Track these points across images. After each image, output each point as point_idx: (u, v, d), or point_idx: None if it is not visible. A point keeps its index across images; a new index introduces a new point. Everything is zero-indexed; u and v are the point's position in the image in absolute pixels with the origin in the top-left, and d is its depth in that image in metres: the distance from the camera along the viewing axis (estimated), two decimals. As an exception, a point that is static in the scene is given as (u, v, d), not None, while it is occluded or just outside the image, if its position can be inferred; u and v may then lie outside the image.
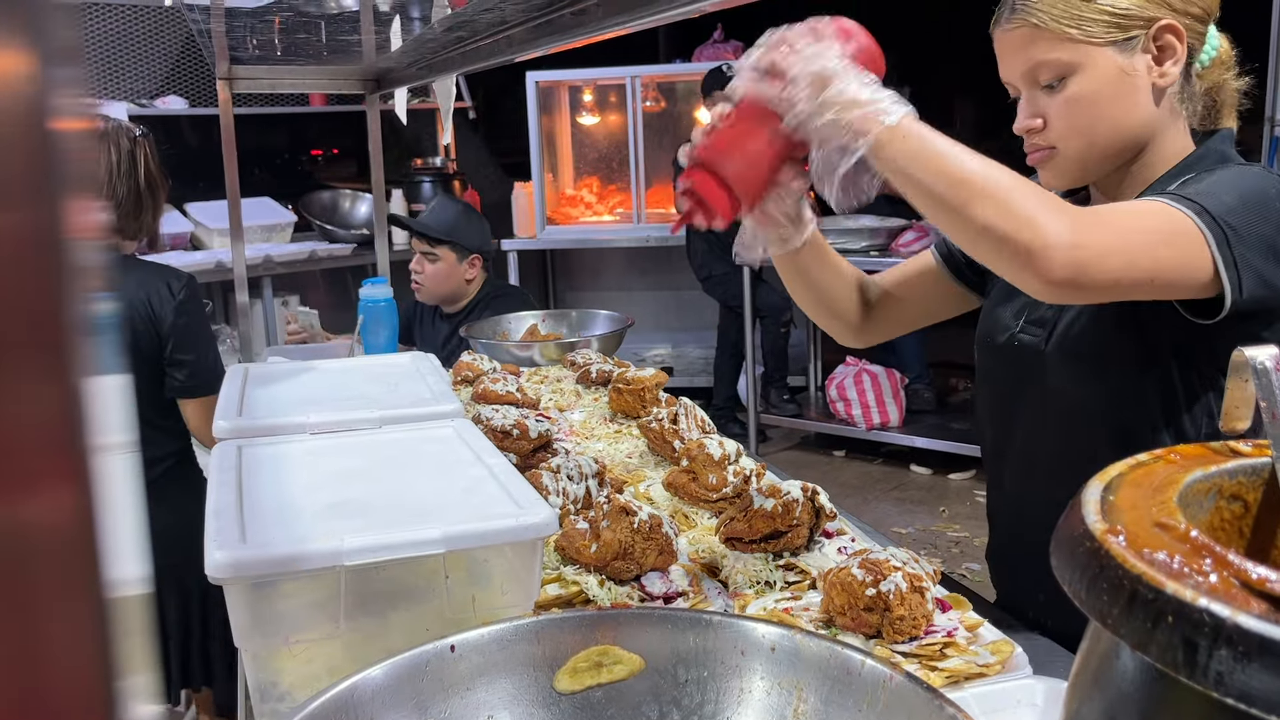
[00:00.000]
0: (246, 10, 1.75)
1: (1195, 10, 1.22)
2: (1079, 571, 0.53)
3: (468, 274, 3.08)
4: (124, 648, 0.27)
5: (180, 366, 2.13)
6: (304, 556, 0.98)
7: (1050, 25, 1.20)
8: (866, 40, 1.16)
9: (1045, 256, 1.01)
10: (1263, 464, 0.63)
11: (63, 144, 0.25)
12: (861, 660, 0.84)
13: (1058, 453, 1.34)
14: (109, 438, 0.26)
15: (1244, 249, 1.08)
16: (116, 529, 0.26)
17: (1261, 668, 0.43)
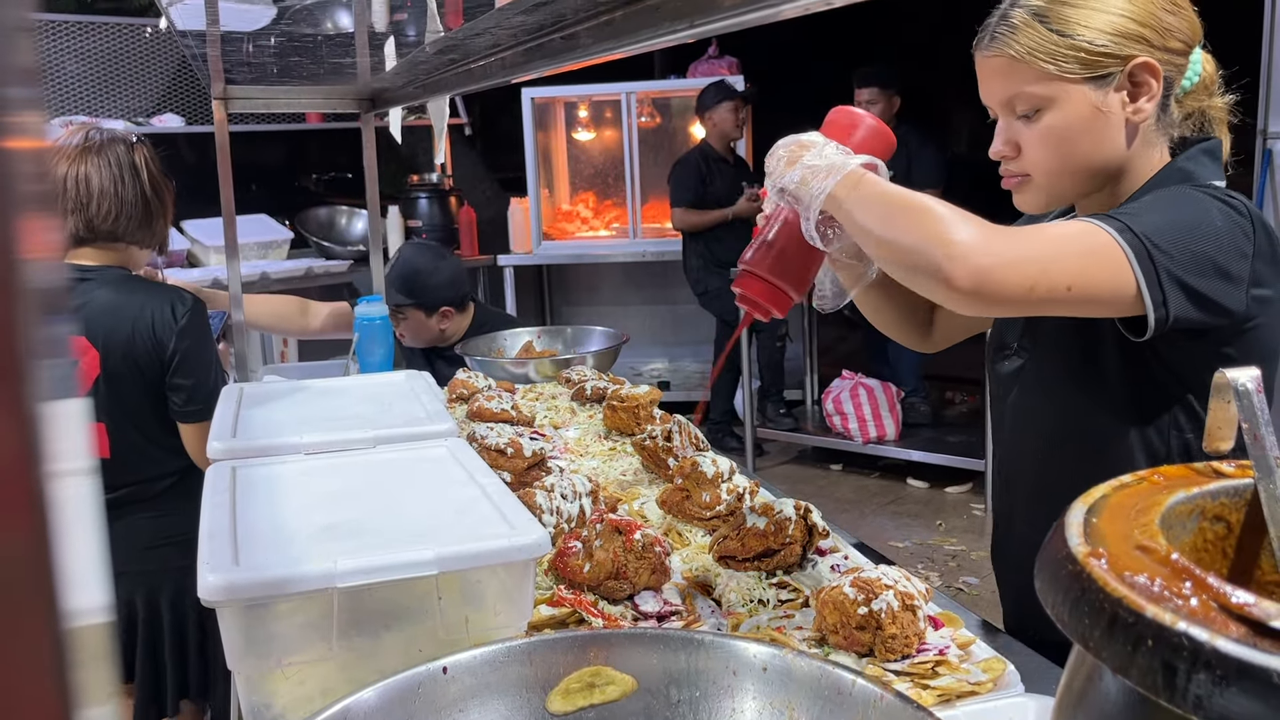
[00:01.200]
0: (241, 35, 1.76)
1: (1175, 45, 1.23)
2: (1062, 594, 0.53)
3: (440, 325, 3.02)
4: (82, 678, 0.26)
5: (179, 390, 2.12)
6: (297, 579, 0.99)
7: (1027, 59, 1.21)
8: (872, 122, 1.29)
9: (950, 265, 1.05)
10: (1245, 485, 0.64)
11: (14, 163, 0.24)
12: (852, 680, 0.85)
13: (1037, 472, 1.38)
14: (66, 464, 0.26)
15: (1170, 266, 1.09)
16: (74, 558, 0.26)
17: (1240, 692, 0.43)
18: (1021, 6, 1.23)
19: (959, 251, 1.05)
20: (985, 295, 1.06)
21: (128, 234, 2.12)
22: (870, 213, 1.14)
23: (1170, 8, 1.23)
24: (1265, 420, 0.62)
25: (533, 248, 6.08)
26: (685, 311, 6.40)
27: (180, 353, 2.09)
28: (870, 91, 5.25)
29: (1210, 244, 1.12)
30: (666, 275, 6.35)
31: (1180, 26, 1.23)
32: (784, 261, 1.28)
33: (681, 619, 1.21)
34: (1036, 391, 1.36)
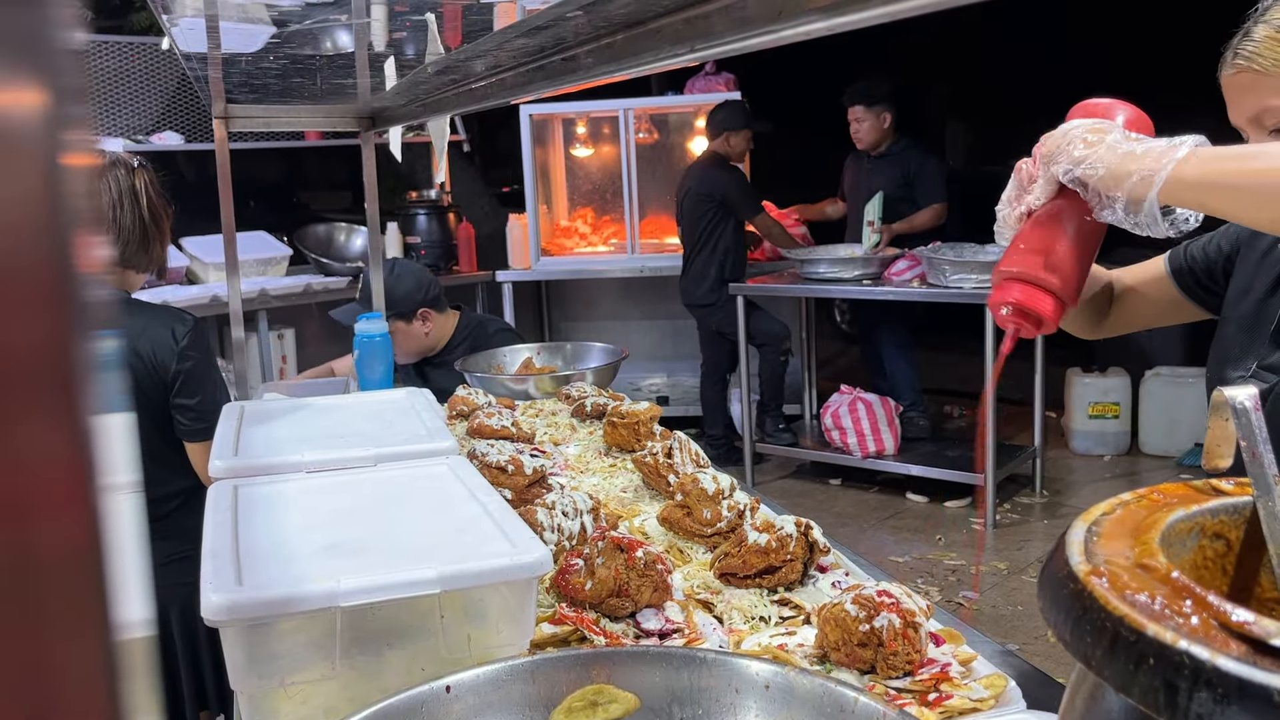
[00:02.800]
0: (241, 57, 1.77)
1: None
2: (1064, 613, 0.54)
3: (424, 329, 3.05)
4: (131, 689, 0.27)
5: (184, 410, 2.13)
6: (300, 598, 0.99)
7: (1272, 70, 1.19)
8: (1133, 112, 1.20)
9: None
10: (1244, 502, 0.64)
11: (72, 180, 0.25)
12: (855, 698, 0.85)
13: None
14: (116, 477, 0.26)
15: None
16: (124, 570, 0.26)
17: (1241, 710, 0.44)
18: (1264, 21, 1.22)
19: None
20: None
21: (124, 258, 2.14)
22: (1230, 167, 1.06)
23: None
24: (1263, 438, 0.62)
25: (531, 264, 6.10)
26: (684, 326, 6.41)
27: (183, 374, 2.11)
28: (858, 109, 5.30)
29: None
30: (665, 290, 6.36)
31: None
32: (1068, 265, 1.16)
33: (683, 636, 1.21)
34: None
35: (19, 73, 0.24)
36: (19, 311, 0.24)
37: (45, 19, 0.24)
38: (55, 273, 0.25)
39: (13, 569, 0.24)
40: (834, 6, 0.53)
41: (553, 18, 0.82)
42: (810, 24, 0.56)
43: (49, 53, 0.24)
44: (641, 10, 0.74)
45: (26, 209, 0.24)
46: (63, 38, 0.25)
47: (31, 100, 0.24)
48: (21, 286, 0.24)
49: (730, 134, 5.31)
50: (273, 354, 5.04)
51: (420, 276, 3.08)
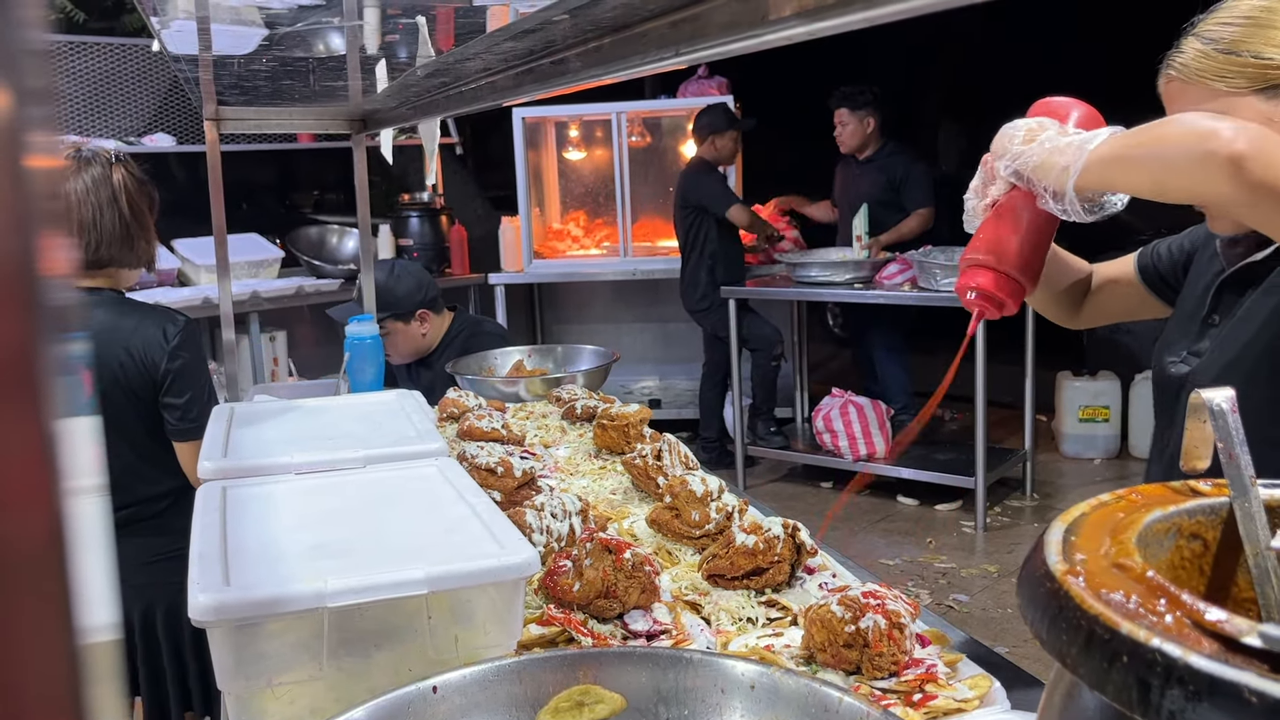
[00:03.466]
0: (233, 59, 1.77)
1: None
2: (1040, 611, 0.54)
3: (421, 329, 3.06)
4: (96, 694, 0.27)
5: (172, 410, 2.13)
6: (287, 599, 0.99)
7: (1196, 80, 1.28)
8: (1086, 110, 1.30)
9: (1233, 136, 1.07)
10: (1221, 503, 0.65)
11: (36, 182, 0.25)
12: (839, 698, 0.85)
13: None
14: (81, 481, 0.26)
15: None
16: (88, 575, 0.26)
17: (1212, 707, 0.44)
18: (1194, 34, 1.31)
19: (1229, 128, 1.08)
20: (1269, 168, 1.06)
21: (110, 257, 2.12)
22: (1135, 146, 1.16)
23: None
24: (1240, 440, 0.63)
25: (524, 266, 6.10)
26: (676, 330, 6.42)
27: (172, 373, 2.10)
28: (843, 113, 5.33)
29: None
30: (657, 294, 6.37)
31: None
32: (1019, 252, 1.27)
33: (671, 638, 1.22)
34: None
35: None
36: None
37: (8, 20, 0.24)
38: (18, 275, 0.24)
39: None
40: (815, 12, 0.53)
41: (540, 21, 0.83)
42: (792, 28, 0.57)
43: (11, 53, 0.24)
44: (628, 14, 0.75)
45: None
46: (26, 38, 0.25)
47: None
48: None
49: (715, 137, 5.32)
50: (264, 356, 5.03)
51: (420, 277, 3.10)
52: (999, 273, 1.28)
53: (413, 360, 3.14)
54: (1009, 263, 1.28)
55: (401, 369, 3.18)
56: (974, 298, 1.30)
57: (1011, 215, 1.29)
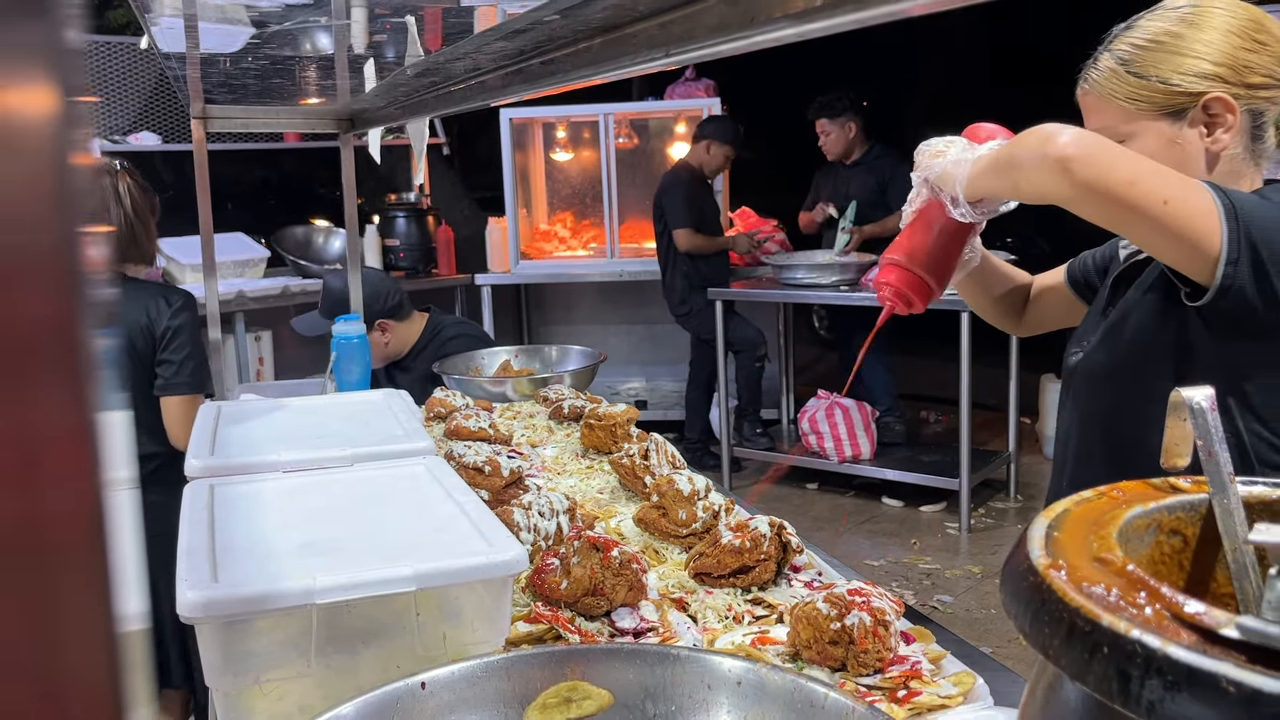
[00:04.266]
0: (220, 57, 1.77)
1: (1256, 80, 1.31)
2: (1023, 605, 0.55)
3: (384, 339, 3.00)
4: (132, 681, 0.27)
5: (168, 365, 2.35)
6: (275, 595, 0.99)
7: (1108, 98, 1.37)
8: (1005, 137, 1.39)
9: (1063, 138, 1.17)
10: (1200, 499, 0.66)
11: (81, 178, 0.26)
12: (825, 694, 0.86)
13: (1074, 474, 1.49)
14: (119, 472, 0.27)
15: (1251, 233, 1.17)
16: (127, 563, 0.27)
17: (1190, 697, 0.45)
18: (1109, 51, 1.38)
19: (1069, 132, 1.18)
20: (1086, 163, 1.15)
21: (117, 256, 2.39)
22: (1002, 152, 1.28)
23: (1251, 45, 1.31)
24: (1219, 438, 0.64)
25: (510, 267, 6.10)
26: (663, 331, 6.43)
27: (172, 329, 2.35)
28: (823, 123, 5.37)
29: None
30: (644, 295, 6.38)
31: (1262, 62, 1.31)
32: (928, 254, 1.40)
33: (658, 635, 1.22)
34: (1094, 386, 1.47)
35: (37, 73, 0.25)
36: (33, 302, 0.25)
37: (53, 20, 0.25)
38: (65, 265, 0.25)
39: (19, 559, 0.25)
40: (803, 14, 0.54)
41: (531, 21, 0.84)
42: (781, 30, 0.57)
43: (58, 53, 0.25)
44: (618, 15, 0.75)
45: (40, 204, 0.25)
46: (69, 38, 0.26)
47: (47, 100, 0.25)
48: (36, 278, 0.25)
49: (712, 143, 5.34)
50: (250, 356, 5.02)
51: (378, 286, 3.00)
52: (909, 272, 1.40)
53: (385, 365, 3.11)
54: (918, 263, 1.40)
55: (379, 372, 3.17)
56: (884, 293, 1.43)
57: (925, 221, 1.41)
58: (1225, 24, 1.31)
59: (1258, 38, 1.31)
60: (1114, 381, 1.43)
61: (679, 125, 6.44)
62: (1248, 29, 1.31)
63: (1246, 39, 1.31)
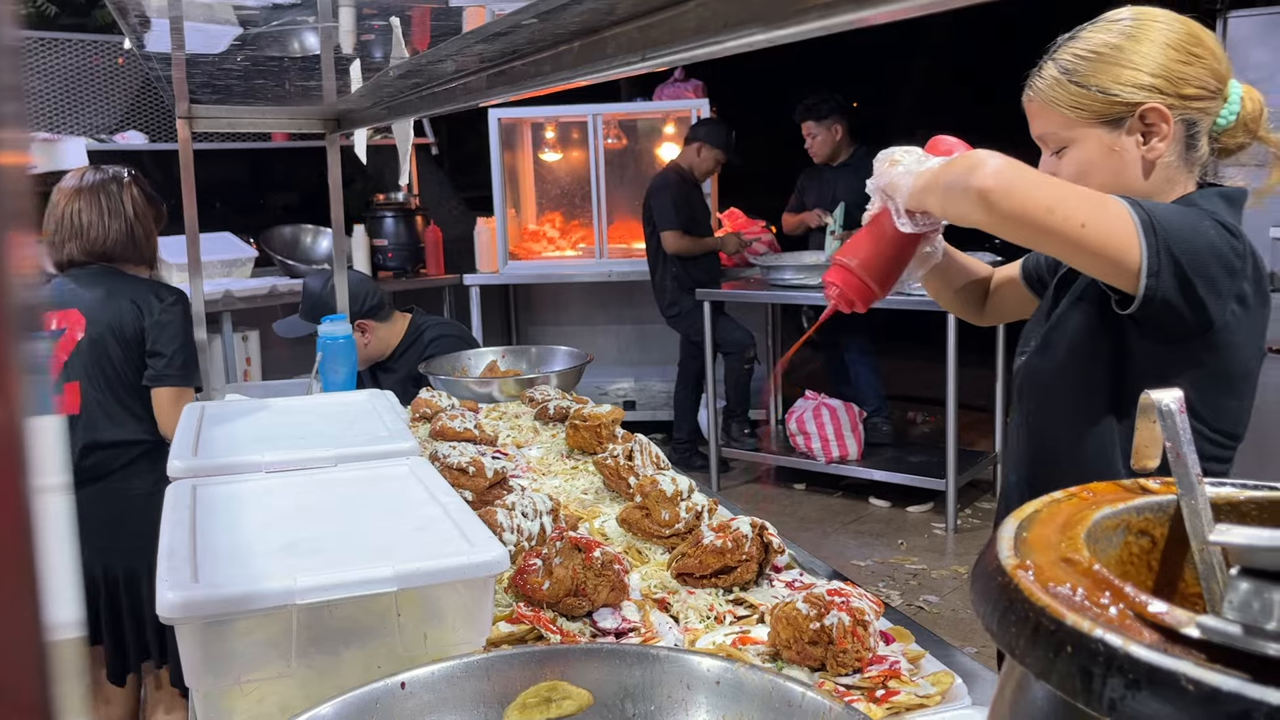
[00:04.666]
0: (206, 58, 1.77)
1: (1190, 91, 1.37)
2: (991, 605, 0.56)
3: (363, 340, 2.98)
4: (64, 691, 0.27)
5: (158, 357, 2.43)
6: (256, 595, 0.99)
7: (1050, 106, 1.42)
8: (960, 147, 1.43)
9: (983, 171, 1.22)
10: (1169, 501, 0.67)
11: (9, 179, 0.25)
12: (802, 693, 0.87)
13: (1027, 474, 1.55)
14: (48, 478, 0.26)
15: (1170, 245, 1.23)
16: (55, 571, 0.26)
17: (1150, 695, 0.46)
18: (1053, 60, 1.44)
19: (994, 163, 1.23)
20: (1005, 197, 1.20)
21: (117, 256, 2.51)
22: (934, 176, 1.32)
23: (1186, 58, 1.36)
24: (1187, 439, 0.65)
25: (499, 267, 6.10)
26: (652, 331, 6.44)
27: (162, 325, 2.44)
28: (809, 125, 5.39)
29: (1205, 248, 1.26)
30: (633, 295, 6.39)
31: (1196, 74, 1.37)
32: (875, 260, 1.46)
33: (639, 635, 1.23)
34: (1038, 386, 1.53)
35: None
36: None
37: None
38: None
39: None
40: (774, 20, 0.55)
41: (509, 25, 0.84)
42: (753, 35, 0.58)
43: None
44: (595, 19, 0.76)
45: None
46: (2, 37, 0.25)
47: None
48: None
49: (703, 146, 5.35)
50: (237, 356, 5.01)
51: (356, 287, 2.99)
52: (854, 276, 1.46)
53: (368, 366, 3.10)
54: (864, 268, 1.46)
55: (364, 373, 3.16)
56: (830, 292, 1.49)
57: (877, 228, 1.47)
58: (1163, 38, 1.37)
59: (1193, 50, 1.37)
60: (1055, 383, 1.48)
61: (667, 126, 6.45)
62: (1184, 43, 1.37)
63: (1182, 52, 1.36)
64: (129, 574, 2.42)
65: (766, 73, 7.10)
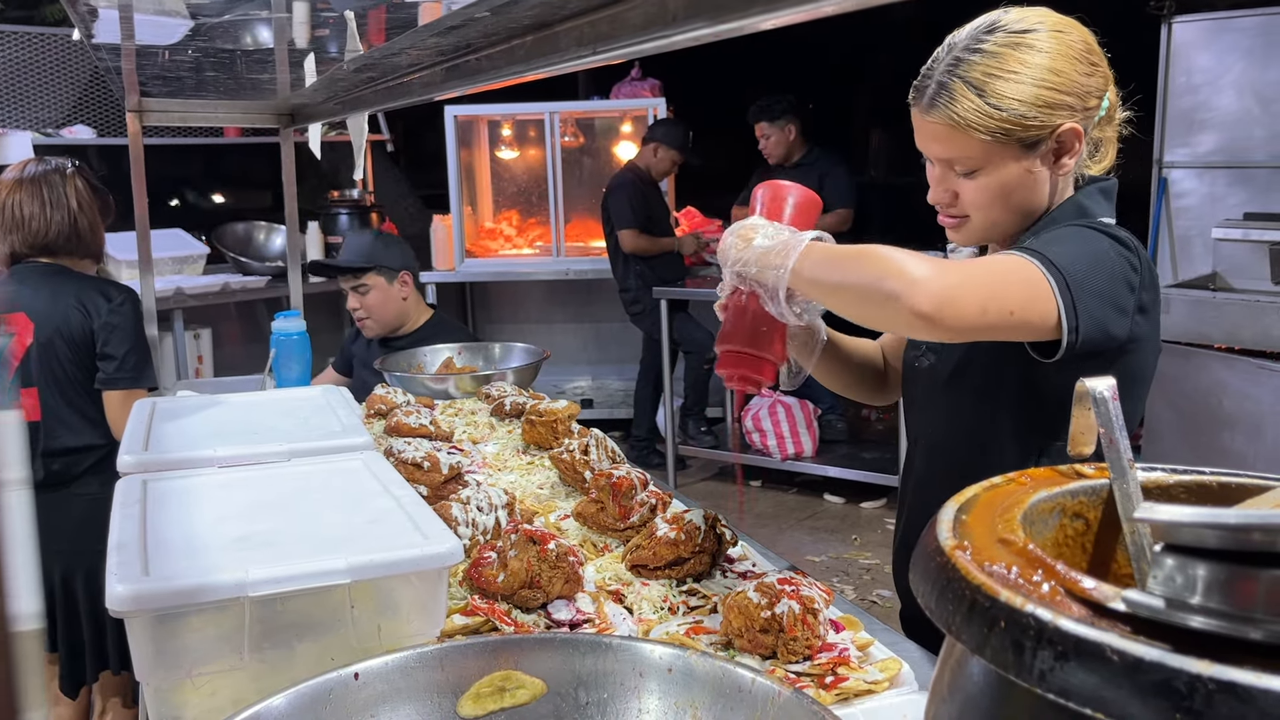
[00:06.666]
0: (156, 49, 1.75)
1: (1093, 102, 1.36)
2: (930, 584, 0.58)
3: (402, 293, 3.07)
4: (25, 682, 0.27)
5: (108, 360, 2.40)
6: (208, 588, 0.99)
7: (965, 129, 1.33)
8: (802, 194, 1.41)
9: (913, 293, 1.15)
10: (1102, 485, 0.69)
11: None
12: (752, 678, 0.88)
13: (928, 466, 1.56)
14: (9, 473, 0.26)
15: (1082, 296, 1.24)
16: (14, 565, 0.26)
17: (1079, 666, 0.48)
18: (958, 76, 1.34)
19: (920, 278, 1.16)
20: (945, 317, 1.16)
21: (60, 249, 2.47)
22: (829, 270, 1.25)
23: (1088, 70, 1.35)
24: (1119, 426, 0.67)
25: (455, 265, 6.07)
26: (609, 330, 6.44)
27: (112, 327, 2.40)
28: (762, 126, 5.44)
29: (1107, 278, 1.28)
30: (590, 294, 6.39)
31: (1096, 84, 1.36)
32: (761, 336, 1.39)
33: (594, 626, 1.24)
34: (938, 392, 1.51)
35: None
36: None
37: None
38: None
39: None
40: (719, 14, 0.56)
41: (463, 18, 0.85)
42: (699, 29, 0.59)
43: None
44: (547, 13, 0.77)
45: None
46: None
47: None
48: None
49: (660, 146, 5.37)
50: (188, 353, 4.94)
51: (405, 248, 3.18)
52: (747, 355, 1.41)
53: (386, 334, 3.11)
54: (755, 347, 1.40)
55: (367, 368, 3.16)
56: (732, 383, 1.43)
57: (747, 307, 1.39)
58: (1069, 50, 1.34)
59: (1092, 60, 1.36)
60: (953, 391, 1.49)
61: (625, 125, 6.46)
62: (1085, 53, 1.35)
63: (1085, 63, 1.35)
64: (89, 576, 2.40)
65: (724, 72, 7.14)
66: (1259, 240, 3.94)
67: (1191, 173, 4.92)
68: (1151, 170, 5.01)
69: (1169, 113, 4.88)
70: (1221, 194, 4.86)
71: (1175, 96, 4.83)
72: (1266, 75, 4.62)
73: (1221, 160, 4.82)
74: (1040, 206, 1.40)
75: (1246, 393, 3.80)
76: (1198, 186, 4.94)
